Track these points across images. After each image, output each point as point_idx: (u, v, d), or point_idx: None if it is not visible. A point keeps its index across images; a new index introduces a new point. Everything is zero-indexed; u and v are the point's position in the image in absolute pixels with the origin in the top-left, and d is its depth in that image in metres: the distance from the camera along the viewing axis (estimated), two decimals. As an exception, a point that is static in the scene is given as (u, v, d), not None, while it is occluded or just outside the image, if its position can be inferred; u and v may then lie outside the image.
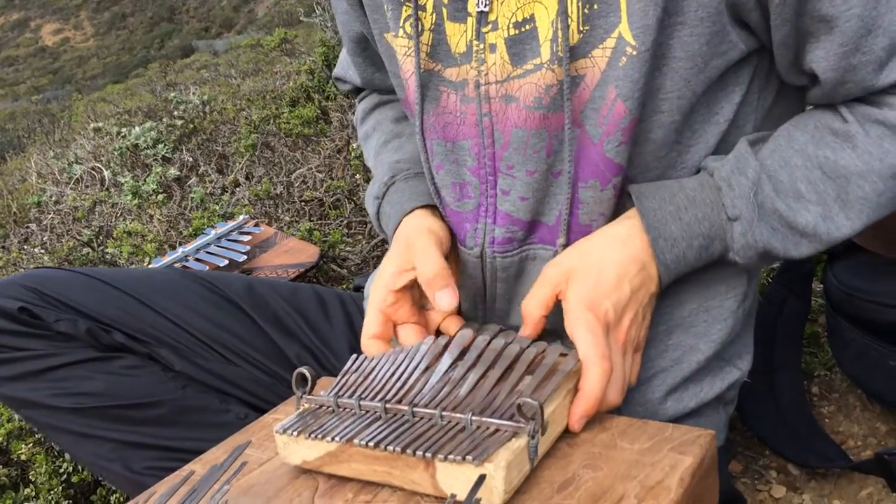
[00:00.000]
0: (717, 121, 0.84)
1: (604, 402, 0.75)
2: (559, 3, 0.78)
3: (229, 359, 1.06)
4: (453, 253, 0.94)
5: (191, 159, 2.96)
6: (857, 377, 1.23)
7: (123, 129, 3.54)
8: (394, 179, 1.00)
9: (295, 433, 0.72)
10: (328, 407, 0.75)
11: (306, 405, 0.76)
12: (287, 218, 2.22)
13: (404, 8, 0.89)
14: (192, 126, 3.35)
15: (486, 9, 0.82)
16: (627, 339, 0.80)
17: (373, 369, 0.79)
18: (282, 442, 0.73)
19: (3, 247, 2.84)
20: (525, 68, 0.82)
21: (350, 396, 0.75)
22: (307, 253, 1.78)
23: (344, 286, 1.84)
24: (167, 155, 3.11)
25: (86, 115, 5.73)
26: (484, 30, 0.83)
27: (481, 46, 0.84)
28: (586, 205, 0.85)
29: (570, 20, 0.78)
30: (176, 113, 3.62)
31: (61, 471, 1.43)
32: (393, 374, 0.77)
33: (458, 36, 0.86)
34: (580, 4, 0.77)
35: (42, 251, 2.62)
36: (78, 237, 2.58)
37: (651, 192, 0.83)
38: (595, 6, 0.77)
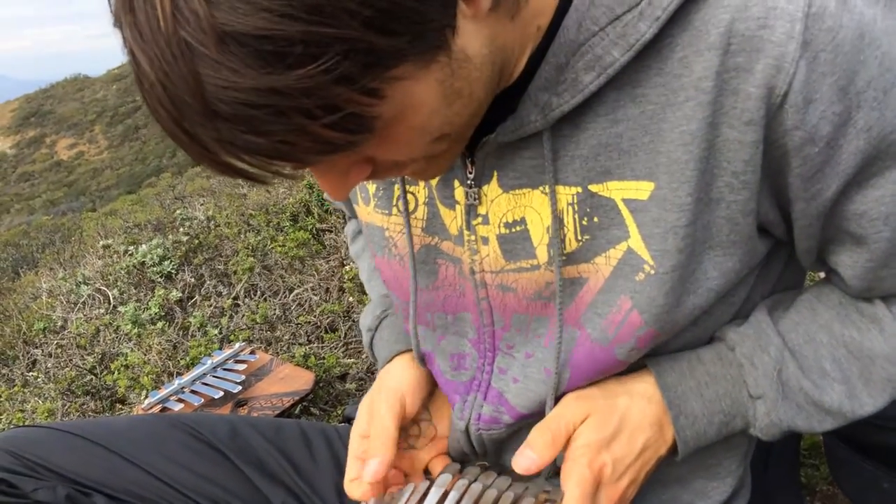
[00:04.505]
0: (732, 302, 0.81)
1: None
2: (552, 212, 0.73)
3: (212, 513, 1.05)
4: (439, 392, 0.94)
5: (193, 280, 3.01)
6: (853, 497, 1.20)
7: (130, 248, 3.62)
8: (385, 314, 1.02)
9: None
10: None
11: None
12: (286, 338, 2.24)
13: (396, 186, 0.86)
14: (197, 241, 3.42)
15: (476, 202, 0.78)
16: (622, 498, 0.78)
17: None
18: None
19: (9, 378, 2.85)
20: (520, 265, 0.78)
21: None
22: (302, 380, 1.78)
23: (339, 411, 1.84)
24: (172, 271, 3.16)
25: (96, 231, 5.84)
26: (474, 222, 0.79)
27: (473, 237, 0.80)
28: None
29: (566, 229, 0.74)
30: (182, 229, 3.71)
31: None
32: (371, 532, 0.77)
33: (449, 219, 0.82)
34: (577, 217, 0.73)
35: (46, 380, 2.63)
36: (81, 364, 2.60)
37: (669, 365, 0.80)
38: (595, 219, 0.73)
